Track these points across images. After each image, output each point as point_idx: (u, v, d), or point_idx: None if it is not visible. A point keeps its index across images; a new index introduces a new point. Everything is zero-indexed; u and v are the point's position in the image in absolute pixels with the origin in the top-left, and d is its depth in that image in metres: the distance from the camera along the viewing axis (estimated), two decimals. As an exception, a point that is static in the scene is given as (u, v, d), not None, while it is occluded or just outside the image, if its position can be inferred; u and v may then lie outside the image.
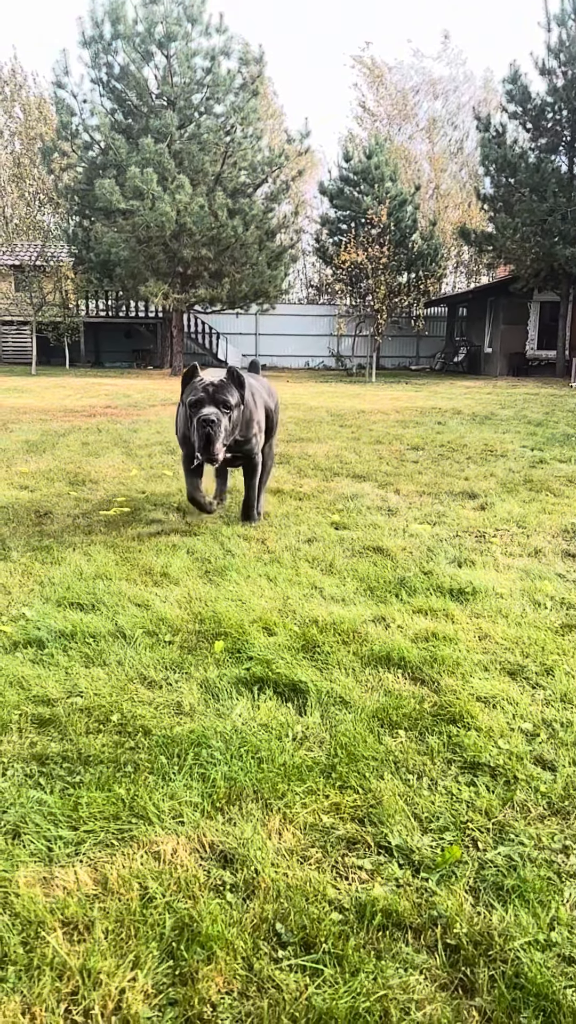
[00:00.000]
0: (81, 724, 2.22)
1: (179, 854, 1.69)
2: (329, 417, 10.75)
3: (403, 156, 37.76)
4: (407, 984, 1.36)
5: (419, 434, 8.89)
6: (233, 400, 4.07)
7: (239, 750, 2.08)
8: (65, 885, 1.59)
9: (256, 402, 4.47)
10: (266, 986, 1.36)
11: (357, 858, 1.70)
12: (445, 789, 1.94)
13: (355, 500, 5.28)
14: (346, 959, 1.41)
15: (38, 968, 1.39)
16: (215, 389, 4.04)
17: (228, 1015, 1.30)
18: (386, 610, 3.16)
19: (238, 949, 1.43)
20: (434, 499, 5.38)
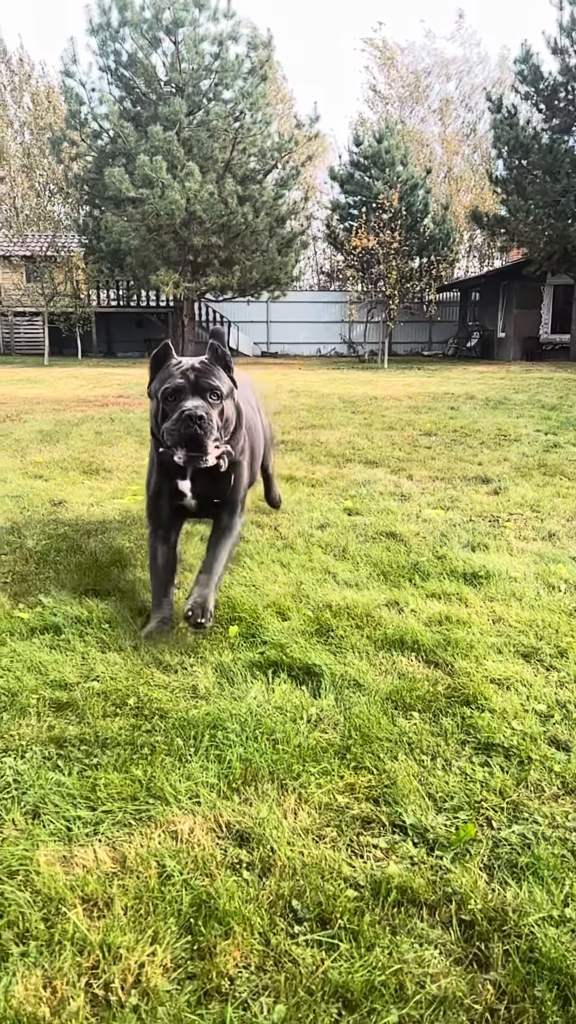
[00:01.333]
0: (98, 708, 2.24)
1: (196, 833, 1.71)
2: (341, 404, 10.72)
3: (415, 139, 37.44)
4: (422, 958, 1.38)
5: (432, 419, 8.86)
6: (224, 386, 2.86)
7: (254, 732, 2.10)
8: (84, 863, 1.62)
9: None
10: (283, 960, 1.38)
11: (372, 837, 1.71)
12: (459, 769, 1.96)
13: (368, 486, 5.28)
14: (361, 934, 1.42)
15: (59, 943, 1.41)
16: (198, 373, 2.82)
17: (245, 988, 1.32)
18: (399, 594, 3.16)
19: (255, 925, 1.45)
20: (447, 484, 5.37)
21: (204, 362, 2.86)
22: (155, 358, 2.93)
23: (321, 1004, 1.28)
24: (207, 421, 2.71)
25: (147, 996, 1.31)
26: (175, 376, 2.81)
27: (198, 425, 2.68)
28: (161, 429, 2.79)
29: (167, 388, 2.78)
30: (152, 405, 3.03)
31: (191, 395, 2.75)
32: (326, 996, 1.30)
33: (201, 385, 2.79)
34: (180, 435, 2.68)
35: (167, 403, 2.78)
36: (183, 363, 2.85)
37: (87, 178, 22.91)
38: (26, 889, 1.55)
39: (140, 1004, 1.29)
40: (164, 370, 2.89)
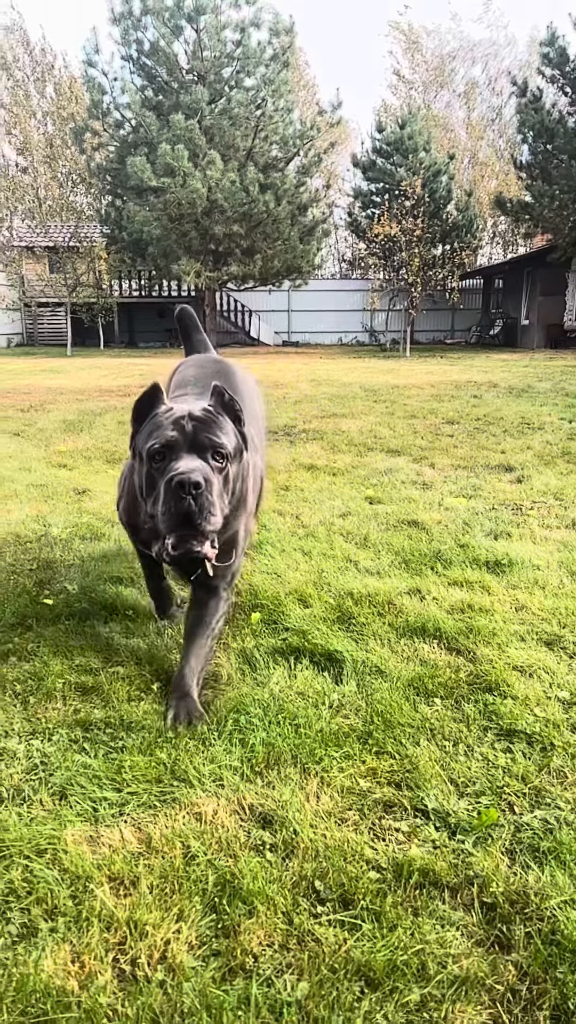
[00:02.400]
0: (123, 692, 2.27)
1: (220, 815, 1.73)
2: (363, 392, 10.69)
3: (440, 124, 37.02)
4: (444, 939, 1.39)
5: (454, 408, 8.81)
6: (230, 443, 2.18)
7: (277, 717, 2.12)
8: (111, 843, 1.65)
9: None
10: (306, 939, 1.40)
11: (394, 820, 1.73)
12: (481, 755, 1.96)
13: (389, 474, 5.27)
14: (384, 915, 1.44)
15: (86, 919, 1.44)
16: (197, 424, 2.14)
17: (269, 965, 1.34)
18: (421, 582, 3.16)
19: (278, 904, 1.47)
20: (470, 472, 5.34)
21: (206, 410, 2.17)
22: (140, 403, 2.23)
23: (344, 982, 1.30)
24: (206, 492, 2.00)
25: (173, 972, 1.33)
26: (165, 427, 2.11)
27: (193, 496, 1.98)
28: (144, 507, 2.17)
29: (154, 445, 2.08)
30: (125, 468, 2.56)
31: (186, 453, 2.07)
32: (349, 974, 1.32)
33: (200, 441, 2.09)
34: (170, 513, 1.99)
35: (154, 464, 2.08)
36: (176, 410, 2.16)
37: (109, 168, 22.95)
38: (54, 867, 1.58)
39: (166, 979, 1.32)
40: (152, 420, 2.18)
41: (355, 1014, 1.24)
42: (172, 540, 2.01)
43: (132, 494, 2.45)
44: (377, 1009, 1.25)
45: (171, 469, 2.03)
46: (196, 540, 2.02)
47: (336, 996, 1.27)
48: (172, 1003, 1.27)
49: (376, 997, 1.28)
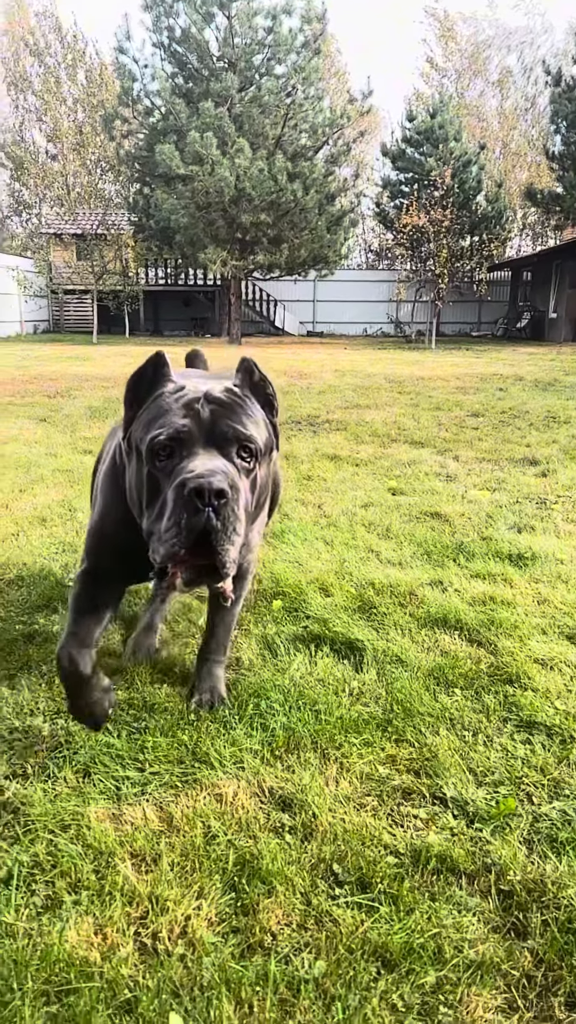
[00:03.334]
0: (146, 674, 2.31)
1: (240, 797, 1.76)
2: (387, 383, 10.65)
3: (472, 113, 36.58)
4: (461, 924, 1.40)
5: (479, 400, 8.75)
6: (260, 436, 1.67)
7: (297, 702, 2.14)
8: (133, 821, 1.68)
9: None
10: (324, 920, 1.42)
11: (412, 807, 1.74)
12: (500, 746, 1.97)
13: (413, 466, 5.25)
14: (401, 899, 1.46)
15: (109, 893, 1.48)
16: (217, 408, 1.61)
17: (288, 944, 1.37)
18: (443, 574, 3.16)
19: (297, 885, 1.49)
20: (494, 465, 5.31)
21: (230, 391, 1.64)
22: (138, 379, 1.70)
23: (361, 962, 1.32)
24: (231, 503, 1.46)
25: (193, 946, 1.36)
26: (173, 412, 1.57)
27: (214, 510, 1.44)
28: (145, 522, 1.58)
29: (158, 436, 1.54)
30: (108, 466, 1.91)
31: (203, 448, 1.54)
32: (366, 955, 1.34)
33: (222, 431, 1.56)
34: (181, 531, 1.44)
35: (158, 463, 1.54)
36: (188, 390, 1.62)
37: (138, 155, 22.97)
38: (78, 842, 1.61)
39: (186, 953, 1.34)
40: (155, 402, 1.64)
41: (371, 993, 1.26)
42: (185, 574, 1.47)
43: (114, 514, 1.83)
44: (393, 989, 1.27)
45: (182, 471, 1.45)
46: (216, 573, 1.48)
47: (353, 975, 1.29)
48: (192, 976, 1.29)
49: (392, 978, 1.29)
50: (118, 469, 1.84)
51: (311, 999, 1.25)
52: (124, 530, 1.77)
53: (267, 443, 1.69)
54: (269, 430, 1.72)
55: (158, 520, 1.50)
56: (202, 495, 1.42)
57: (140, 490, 1.60)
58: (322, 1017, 1.22)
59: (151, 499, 1.55)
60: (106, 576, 1.95)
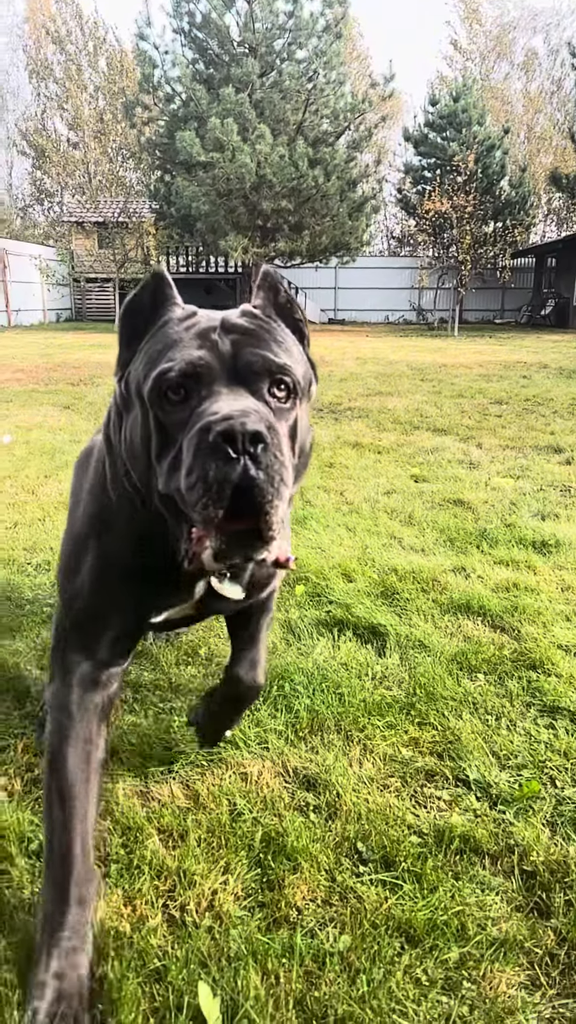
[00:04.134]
0: (171, 656, 2.34)
1: (265, 776, 1.78)
2: (409, 371, 10.59)
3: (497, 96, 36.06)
4: (484, 903, 1.42)
5: (503, 388, 8.68)
6: (298, 366, 1.26)
7: (320, 685, 2.16)
8: (160, 798, 1.71)
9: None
10: (348, 896, 1.44)
11: (436, 789, 1.76)
12: (524, 730, 1.98)
13: (435, 453, 5.24)
14: (424, 877, 1.47)
15: (137, 867, 1.51)
16: (240, 338, 1.22)
17: (313, 919, 1.39)
18: (466, 560, 3.16)
19: (321, 862, 1.52)
20: (518, 453, 5.28)
21: (251, 315, 1.29)
22: (134, 307, 1.31)
23: (385, 937, 1.34)
24: (273, 449, 1.10)
25: (220, 919, 1.39)
26: (184, 343, 1.21)
27: (252, 458, 1.08)
28: (158, 479, 1.19)
29: (167, 372, 1.17)
30: (108, 416, 1.40)
31: (225, 385, 1.17)
32: (390, 930, 1.36)
33: (248, 362, 1.19)
34: (211, 488, 1.07)
35: (167, 407, 1.17)
36: (200, 317, 1.28)
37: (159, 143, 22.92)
38: (106, 818, 1.65)
39: (214, 926, 1.37)
40: (158, 333, 1.27)
41: (395, 967, 1.28)
42: (216, 542, 1.08)
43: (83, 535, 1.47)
44: (417, 964, 1.29)
45: (203, 415, 1.10)
46: (259, 540, 1.08)
47: (377, 950, 1.31)
48: (219, 947, 1.32)
49: (416, 953, 1.32)
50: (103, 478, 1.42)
51: (336, 971, 1.28)
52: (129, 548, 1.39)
53: (306, 377, 1.29)
54: (306, 362, 1.32)
55: (172, 480, 1.13)
56: (233, 440, 1.04)
57: (146, 442, 1.19)
58: (347, 989, 1.24)
59: (162, 451, 1.16)
60: (103, 626, 1.44)
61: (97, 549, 1.44)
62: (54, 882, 1.28)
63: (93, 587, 1.43)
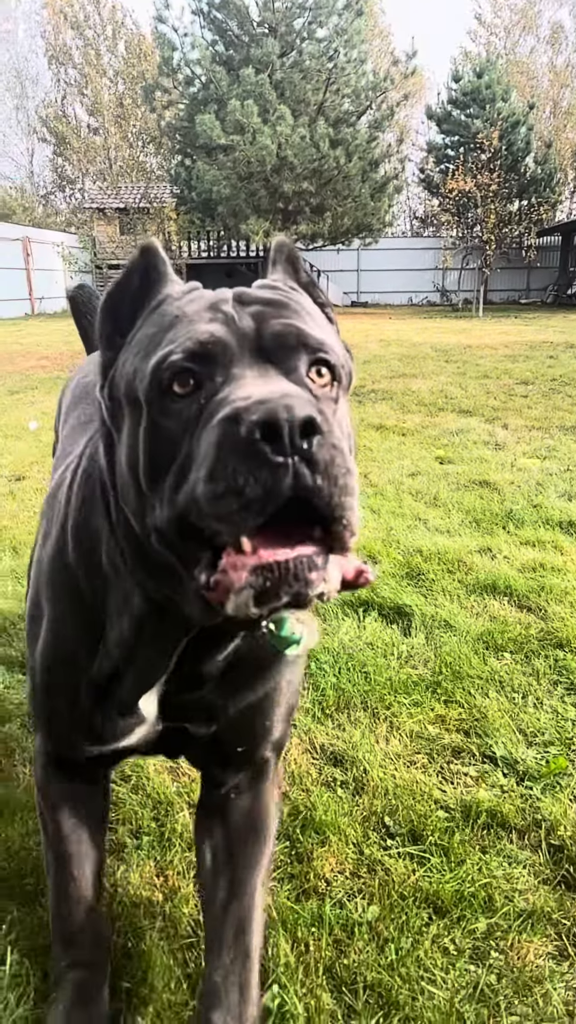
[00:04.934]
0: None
1: (293, 752, 1.80)
2: (433, 352, 10.50)
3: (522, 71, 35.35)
4: (511, 875, 1.43)
5: (529, 368, 8.58)
6: (336, 343, 0.97)
7: (346, 664, 2.17)
8: (189, 773, 1.74)
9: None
10: (376, 868, 1.46)
11: (462, 765, 1.77)
12: (551, 708, 1.98)
13: (461, 435, 5.20)
14: (452, 851, 1.49)
15: (168, 840, 1.54)
16: (263, 310, 0.91)
17: (341, 890, 1.41)
18: (492, 541, 3.15)
19: (349, 836, 1.54)
20: (544, 433, 5.23)
21: (272, 287, 1.02)
22: (119, 294, 1.01)
23: (413, 908, 1.36)
24: (329, 438, 0.77)
25: (250, 890, 1.41)
26: (189, 318, 0.92)
27: (309, 462, 0.75)
28: (155, 509, 0.86)
29: (170, 355, 0.86)
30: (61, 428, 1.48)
31: (249, 368, 0.86)
32: (418, 902, 1.38)
33: (277, 334, 0.89)
34: (250, 500, 0.73)
35: (171, 406, 0.85)
36: (207, 292, 1.01)
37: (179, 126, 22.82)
38: (138, 792, 1.68)
39: (244, 896, 1.40)
40: (154, 314, 0.98)
41: (424, 937, 1.30)
42: (259, 577, 0.74)
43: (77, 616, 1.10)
44: (445, 934, 1.31)
45: (225, 401, 0.81)
46: (317, 561, 0.76)
47: (405, 920, 1.33)
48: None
49: (444, 923, 1.33)
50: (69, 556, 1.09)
51: (365, 940, 1.30)
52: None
53: (346, 363, 0.97)
54: (342, 347, 1.01)
55: (176, 492, 0.81)
56: (276, 433, 0.73)
57: (143, 457, 0.86)
58: (376, 957, 1.26)
59: (163, 465, 0.83)
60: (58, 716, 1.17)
61: (51, 622, 1.12)
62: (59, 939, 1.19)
63: (43, 664, 1.14)
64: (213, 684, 1.07)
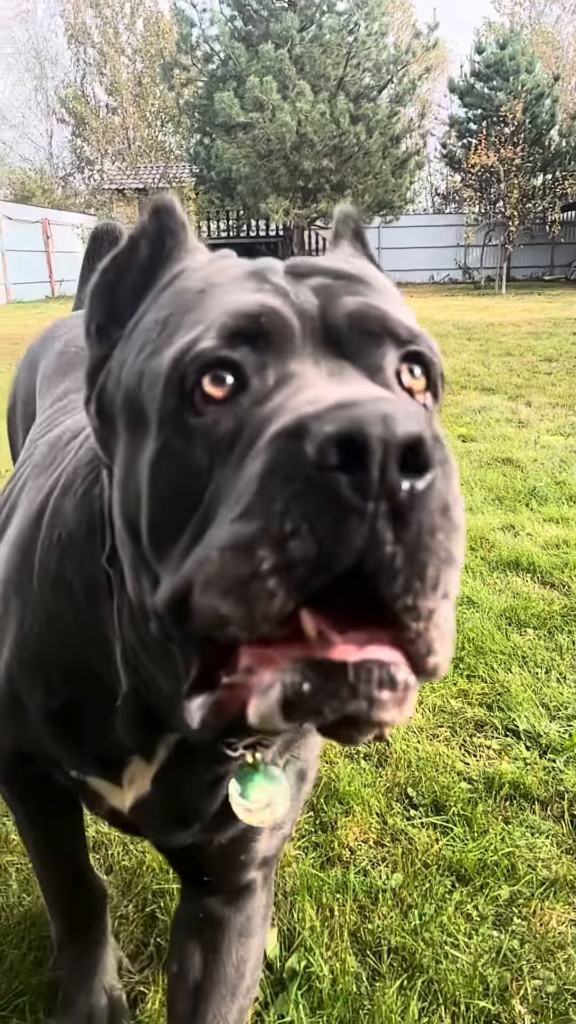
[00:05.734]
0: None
1: (316, 725, 1.83)
2: (456, 330, 10.40)
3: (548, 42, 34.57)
4: (533, 845, 1.45)
5: (553, 345, 8.47)
6: (425, 335, 0.65)
7: (370, 640, 2.19)
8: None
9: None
10: (399, 837, 1.48)
11: (485, 738, 1.78)
12: (573, 682, 1.98)
13: (483, 412, 5.17)
14: (475, 821, 1.51)
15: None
16: (330, 283, 0.63)
17: (365, 858, 1.44)
18: (515, 518, 3.14)
19: (373, 807, 1.56)
20: (568, 411, 5.18)
21: (336, 258, 0.75)
22: (121, 263, 0.72)
23: (436, 876, 1.38)
24: (442, 490, 0.48)
25: (275, 857, 1.44)
26: (226, 289, 0.63)
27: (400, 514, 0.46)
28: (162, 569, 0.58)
29: (199, 340, 0.57)
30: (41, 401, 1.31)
31: (312, 358, 0.58)
32: (441, 870, 1.40)
33: (358, 316, 0.61)
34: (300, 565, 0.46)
35: (195, 421, 0.57)
36: (238, 259, 0.71)
37: (198, 104, 22.63)
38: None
39: (269, 863, 1.43)
40: (167, 290, 0.68)
41: (447, 903, 1.32)
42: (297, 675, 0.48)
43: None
44: (468, 901, 1.33)
45: (288, 409, 0.52)
46: (397, 677, 0.49)
47: (429, 887, 1.36)
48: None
49: (467, 891, 1.35)
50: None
51: (389, 906, 1.32)
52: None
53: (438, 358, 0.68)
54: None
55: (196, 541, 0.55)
56: (364, 456, 0.46)
57: (133, 506, 0.62)
58: (400, 922, 1.29)
59: (180, 510, 0.57)
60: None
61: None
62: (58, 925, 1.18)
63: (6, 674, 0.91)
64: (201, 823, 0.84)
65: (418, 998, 1.16)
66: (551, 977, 1.19)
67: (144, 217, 0.74)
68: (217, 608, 0.49)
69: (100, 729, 0.80)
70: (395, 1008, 1.14)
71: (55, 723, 0.86)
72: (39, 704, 0.86)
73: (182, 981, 0.96)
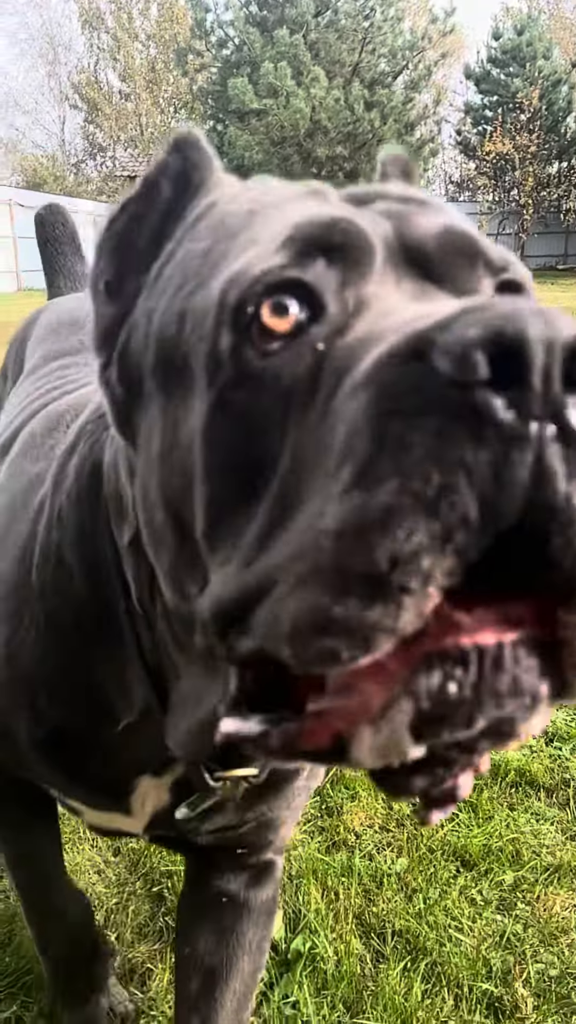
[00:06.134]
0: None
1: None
2: (468, 321, 10.36)
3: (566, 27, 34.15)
4: (538, 831, 1.46)
5: (566, 336, 8.43)
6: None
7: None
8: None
9: None
10: (404, 823, 1.49)
11: (492, 726, 1.79)
12: (582, 672, 1.98)
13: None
14: (480, 807, 1.52)
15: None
16: (404, 206, 0.52)
17: (371, 843, 1.45)
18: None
19: (378, 792, 1.57)
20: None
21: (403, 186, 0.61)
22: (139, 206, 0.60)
23: (441, 861, 1.39)
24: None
25: (281, 840, 1.46)
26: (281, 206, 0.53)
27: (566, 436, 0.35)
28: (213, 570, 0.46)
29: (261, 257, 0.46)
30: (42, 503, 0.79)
31: (396, 279, 0.48)
32: (445, 855, 1.41)
33: (447, 236, 0.51)
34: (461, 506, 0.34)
35: (256, 366, 0.45)
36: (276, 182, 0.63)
37: (211, 90, 22.52)
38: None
39: (275, 846, 1.44)
40: (200, 222, 0.58)
41: (451, 888, 1.33)
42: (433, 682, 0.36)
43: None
44: (472, 885, 1.34)
45: (384, 333, 0.41)
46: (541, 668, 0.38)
47: (433, 872, 1.37)
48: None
49: (471, 876, 1.36)
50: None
51: (393, 890, 1.33)
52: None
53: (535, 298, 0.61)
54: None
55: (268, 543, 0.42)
56: (523, 362, 0.35)
57: (178, 483, 0.49)
58: (404, 906, 1.30)
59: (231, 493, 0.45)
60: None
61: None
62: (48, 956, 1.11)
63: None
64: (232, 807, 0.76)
65: (421, 980, 1.17)
66: (554, 961, 1.20)
67: (163, 154, 0.61)
68: (329, 618, 0.35)
69: (99, 757, 0.73)
70: (399, 989, 1.15)
71: (44, 751, 0.77)
72: (26, 729, 0.76)
73: (194, 962, 0.93)
